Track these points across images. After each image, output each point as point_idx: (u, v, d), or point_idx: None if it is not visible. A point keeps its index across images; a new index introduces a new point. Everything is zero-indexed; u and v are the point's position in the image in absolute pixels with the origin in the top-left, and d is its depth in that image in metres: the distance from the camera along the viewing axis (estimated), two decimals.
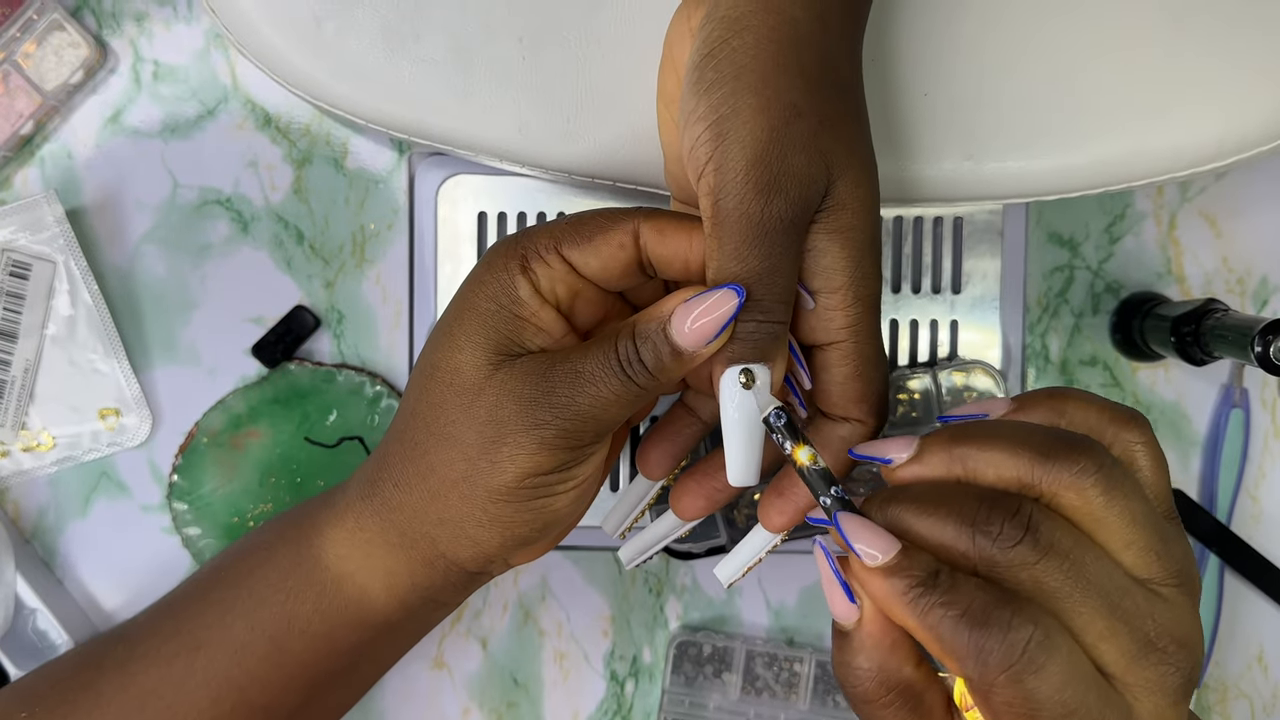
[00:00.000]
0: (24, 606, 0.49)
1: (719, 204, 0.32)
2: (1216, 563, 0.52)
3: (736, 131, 0.32)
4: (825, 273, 0.33)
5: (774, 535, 0.37)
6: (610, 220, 0.34)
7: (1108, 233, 0.52)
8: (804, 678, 0.52)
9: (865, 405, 0.35)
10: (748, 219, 0.32)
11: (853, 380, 0.34)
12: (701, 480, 0.38)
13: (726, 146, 0.32)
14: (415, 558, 0.36)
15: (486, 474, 0.34)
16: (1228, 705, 0.53)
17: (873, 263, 0.34)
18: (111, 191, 0.51)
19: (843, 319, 0.34)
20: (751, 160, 0.32)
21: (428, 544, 0.36)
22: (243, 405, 0.50)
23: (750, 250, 0.32)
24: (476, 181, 0.51)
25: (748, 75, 0.33)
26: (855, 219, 0.33)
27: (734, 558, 0.38)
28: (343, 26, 0.41)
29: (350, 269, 0.51)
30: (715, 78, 0.33)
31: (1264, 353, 0.43)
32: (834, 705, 0.52)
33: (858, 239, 0.33)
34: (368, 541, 0.37)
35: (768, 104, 0.33)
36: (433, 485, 0.35)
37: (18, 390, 0.49)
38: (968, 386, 0.51)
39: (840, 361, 0.34)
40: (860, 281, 0.34)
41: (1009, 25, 0.41)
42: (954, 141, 0.42)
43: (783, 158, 0.32)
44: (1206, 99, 0.41)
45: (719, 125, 0.33)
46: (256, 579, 0.38)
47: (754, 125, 0.32)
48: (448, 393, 0.34)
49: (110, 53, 0.51)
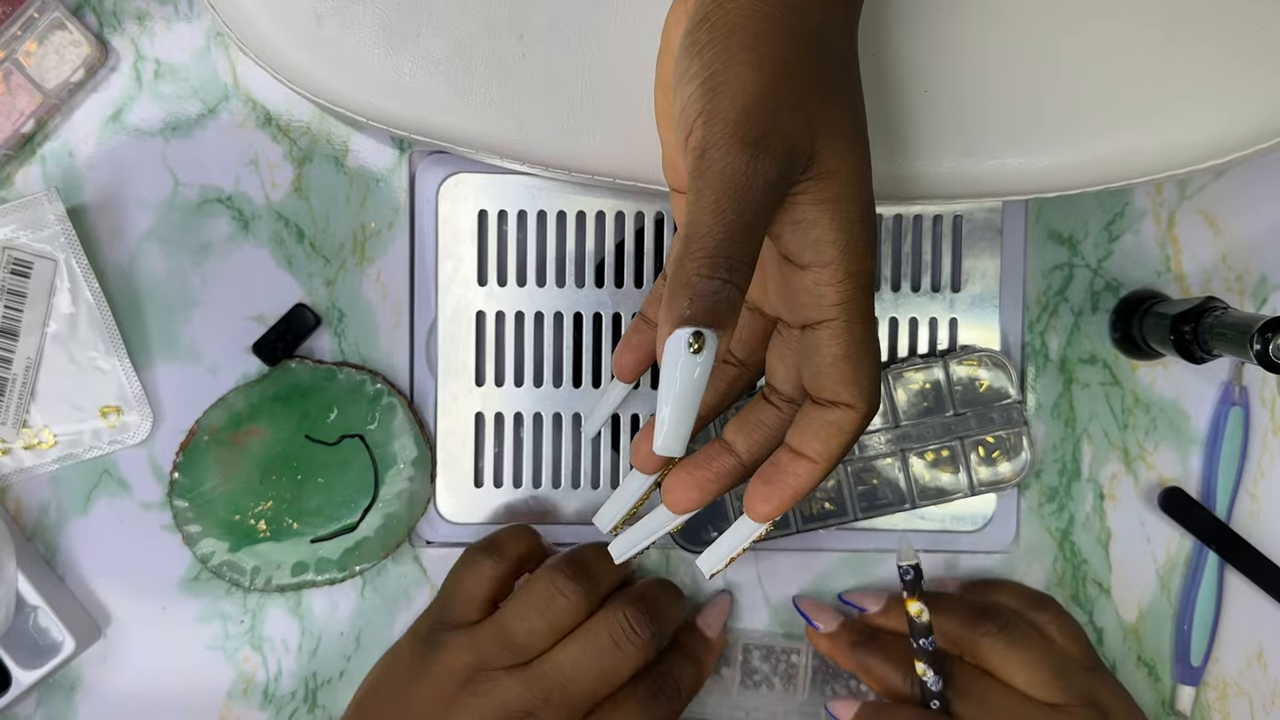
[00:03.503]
0: (25, 604, 0.49)
1: (704, 155, 0.32)
2: (1216, 560, 0.52)
3: (728, 85, 0.32)
4: (815, 245, 0.33)
5: (759, 525, 0.36)
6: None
7: (1107, 231, 0.52)
8: (802, 669, 0.52)
9: (855, 388, 0.33)
10: (731, 171, 0.31)
11: (843, 361, 0.33)
12: (693, 471, 0.37)
13: (718, 100, 0.32)
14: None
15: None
16: (1227, 703, 0.53)
17: (864, 238, 0.33)
18: (112, 190, 0.51)
19: (834, 295, 0.33)
20: (742, 112, 0.32)
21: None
22: (243, 403, 0.50)
23: (729, 204, 0.31)
24: (477, 180, 0.52)
25: (740, 34, 0.33)
26: (844, 189, 0.33)
27: (717, 548, 0.37)
28: (343, 24, 0.41)
29: (351, 267, 0.51)
30: (709, 38, 0.33)
31: (1263, 350, 0.43)
32: (832, 695, 0.52)
33: (847, 210, 0.33)
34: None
35: (761, 60, 0.32)
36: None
37: (19, 388, 0.50)
38: (976, 378, 0.51)
39: (830, 341, 0.33)
40: (852, 256, 0.33)
41: (1009, 22, 0.41)
42: (953, 139, 0.42)
43: (772, 114, 0.32)
44: (1206, 96, 0.41)
45: (711, 80, 0.32)
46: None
47: (746, 80, 0.32)
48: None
49: (111, 51, 0.51)
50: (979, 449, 0.51)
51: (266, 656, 0.52)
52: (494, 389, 0.52)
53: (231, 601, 0.52)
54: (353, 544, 0.51)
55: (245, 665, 0.52)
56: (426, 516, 0.52)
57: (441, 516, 0.52)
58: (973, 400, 0.51)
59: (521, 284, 0.52)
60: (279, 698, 0.52)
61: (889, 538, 0.52)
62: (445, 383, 0.52)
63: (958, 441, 0.51)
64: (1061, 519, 0.53)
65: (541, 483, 0.52)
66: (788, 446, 0.35)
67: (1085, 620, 0.53)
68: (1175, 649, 0.53)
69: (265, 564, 0.50)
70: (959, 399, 0.51)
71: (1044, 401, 0.53)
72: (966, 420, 0.51)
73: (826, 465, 0.34)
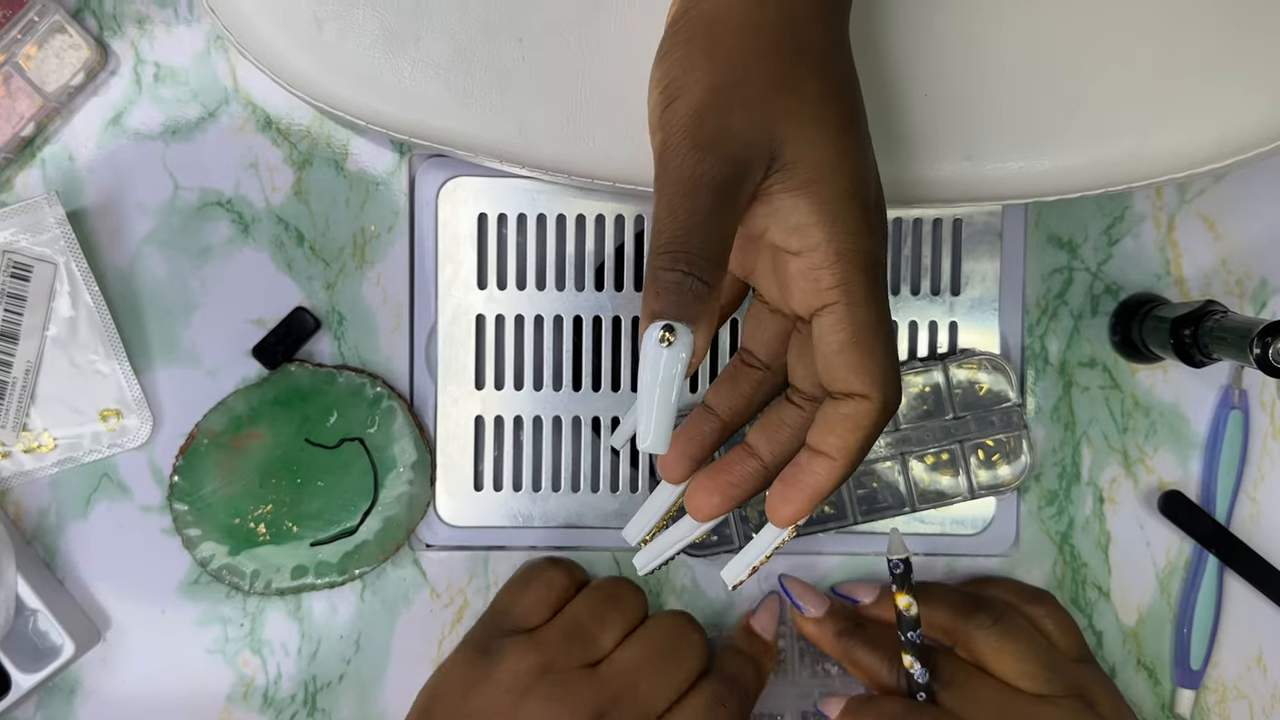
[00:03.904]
0: (25, 607, 0.49)
1: (661, 158, 0.33)
2: (1215, 564, 0.52)
3: (684, 90, 0.33)
4: (799, 230, 0.33)
5: (782, 531, 0.36)
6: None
7: (1106, 234, 0.52)
8: (790, 653, 0.52)
9: (866, 376, 0.32)
10: (681, 173, 0.32)
11: (850, 348, 0.32)
12: (715, 476, 0.36)
13: (674, 106, 0.33)
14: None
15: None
16: (1227, 706, 0.53)
17: (856, 217, 0.33)
18: (112, 193, 0.51)
19: (829, 277, 0.32)
20: (692, 116, 0.32)
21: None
22: (243, 406, 0.50)
23: (681, 203, 0.32)
24: (477, 183, 0.52)
25: (701, 39, 0.33)
26: (814, 173, 0.33)
27: (741, 558, 0.37)
28: (343, 28, 0.41)
29: (351, 271, 0.51)
30: (671, 45, 0.34)
31: (1263, 354, 0.43)
32: (824, 674, 0.52)
33: (825, 191, 0.33)
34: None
35: (717, 65, 0.33)
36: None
37: (19, 391, 0.50)
38: (976, 381, 0.51)
39: (834, 327, 0.32)
40: (841, 236, 0.32)
41: (1009, 25, 0.41)
42: (953, 142, 0.42)
43: (721, 116, 0.32)
44: (1206, 100, 0.41)
45: (670, 87, 0.33)
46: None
47: (700, 84, 0.33)
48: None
49: (111, 55, 0.51)
50: (978, 452, 0.51)
51: (266, 660, 0.52)
52: (494, 392, 0.52)
53: (231, 605, 0.52)
54: (352, 547, 0.51)
55: (245, 669, 0.52)
56: (426, 520, 0.52)
57: (441, 520, 0.52)
58: (972, 403, 0.51)
59: (521, 287, 0.52)
60: (279, 701, 0.52)
61: (888, 541, 0.52)
62: (445, 386, 0.52)
63: (957, 445, 0.51)
64: (1061, 522, 0.53)
65: (541, 486, 0.52)
66: (807, 445, 0.34)
67: (1085, 624, 0.53)
68: (1175, 652, 0.53)
69: (265, 567, 0.50)
70: (959, 402, 0.51)
71: (1044, 405, 0.53)
72: (966, 424, 0.51)
73: (846, 462, 0.33)
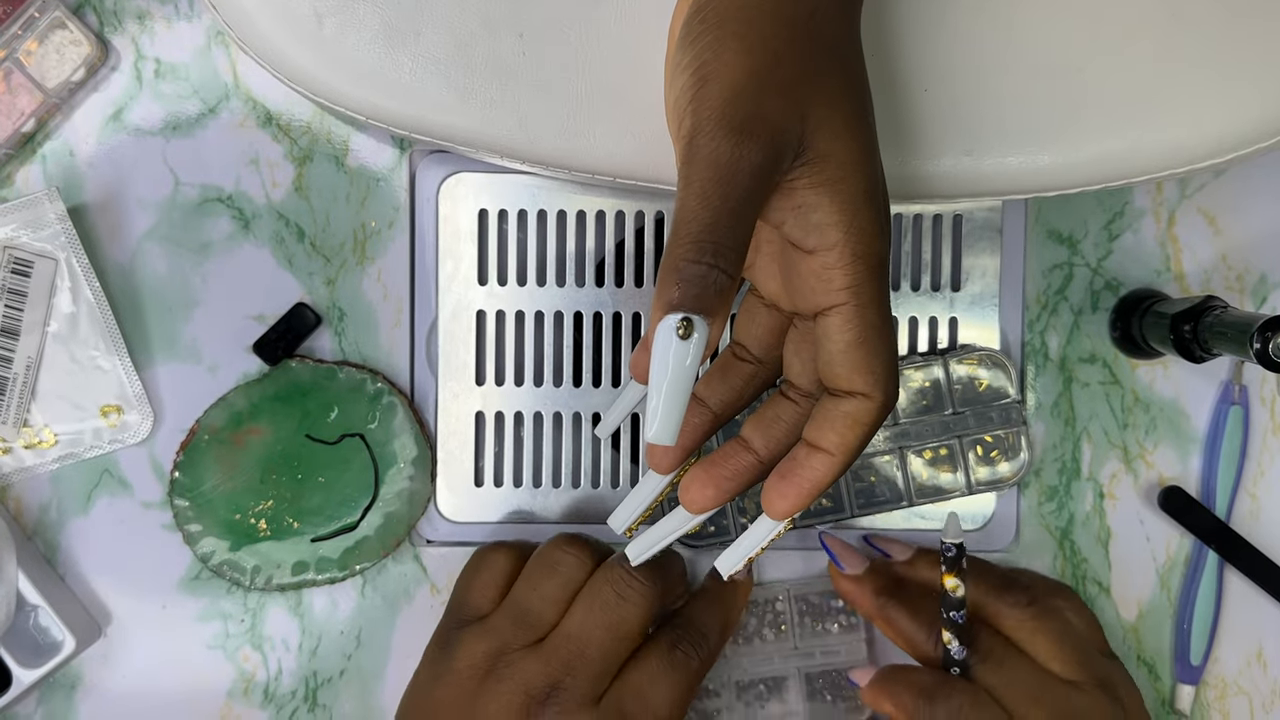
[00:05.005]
0: (25, 603, 0.49)
1: (692, 143, 0.32)
2: (1215, 560, 0.52)
3: (717, 73, 0.32)
4: (818, 229, 0.32)
5: (777, 524, 0.36)
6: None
7: (1106, 230, 0.53)
8: (788, 615, 0.51)
9: (870, 376, 0.33)
10: (717, 158, 0.31)
11: (856, 348, 0.33)
12: (709, 469, 0.36)
13: (706, 88, 0.32)
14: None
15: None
16: (1226, 702, 0.53)
17: (871, 219, 0.33)
18: (113, 189, 0.51)
19: (842, 279, 0.32)
20: (728, 99, 0.32)
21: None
22: (244, 402, 0.50)
23: (715, 189, 0.31)
24: (477, 179, 0.52)
25: (732, 23, 0.33)
26: (841, 170, 0.32)
27: (735, 549, 0.37)
28: (343, 23, 0.41)
29: (351, 266, 0.51)
30: (701, 29, 0.33)
31: (1263, 349, 0.43)
32: (824, 631, 0.51)
33: (847, 191, 0.32)
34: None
35: (751, 48, 0.32)
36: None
37: (19, 387, 0.50)
38: (976, 377, 0.51)
39: (842, 327, 0.33)
40: (858, 238, 0.32)
41: (1009, 21, 0.41)
42: (954, 138, 0.42)
43: (758, 101, 0.32)
44: (1206, 95, 0.41)
45: (701, 69, 0.33)
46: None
47: (734, 67, 0.32)
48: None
49: (112, 50, 0.51)
50: (977, 448, 0.51)
51: (267, 655, 0.52)
52: (494, 388, 0.52)
53: (232, 600, 0.52)
54: (353, 543, 0.51)
55: (246, 664, 0.52)
56: (427, 515, 0.52)
57: (442, 515, 0.52)
58: (972, 399, 0.51)
59: (522, 283, 0.52)
60: (279, 697, 0.52)
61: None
62: (445, 382, 0.52)
63: (956, 440, 0.51)
64: (1061, 518, 0.53)
65: (542, 482, 0.52)
66: (804, 440, 0.34)
67: None
68: (1175, 648, 0.53)
69: (265, 563, 0.50)
70: (958, 398, 0.51)
71: (1044, 400, 0.53)
72: (965, 419, 0.51)
73: (844, 458, 0.34)
